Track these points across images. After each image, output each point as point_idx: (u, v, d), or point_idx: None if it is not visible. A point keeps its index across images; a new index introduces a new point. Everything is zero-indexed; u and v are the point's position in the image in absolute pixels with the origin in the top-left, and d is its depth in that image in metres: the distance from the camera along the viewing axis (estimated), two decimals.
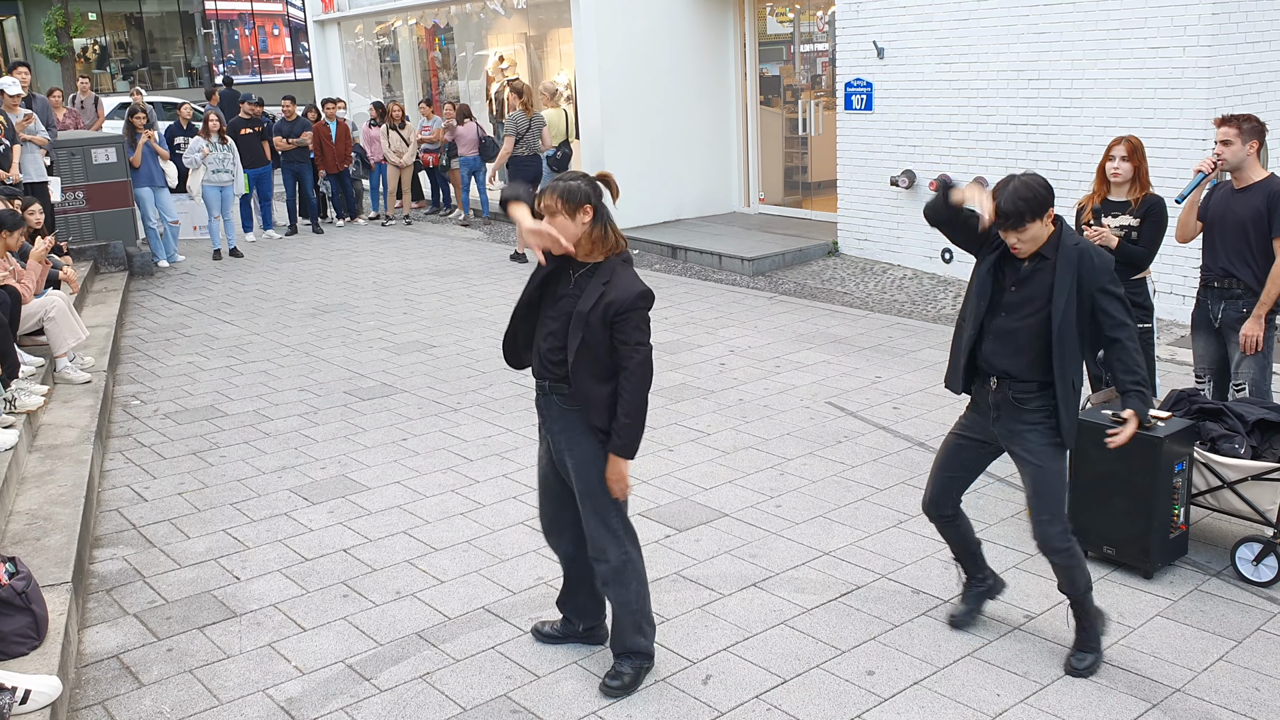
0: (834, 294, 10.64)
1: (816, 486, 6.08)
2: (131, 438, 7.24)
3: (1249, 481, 4.86)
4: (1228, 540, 5.18)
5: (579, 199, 3.82)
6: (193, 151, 13.21)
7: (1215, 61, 8.65)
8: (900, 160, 11.19)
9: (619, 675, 4.18)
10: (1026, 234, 3.97)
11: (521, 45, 16.92)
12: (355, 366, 8.72)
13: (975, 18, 10.18)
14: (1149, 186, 5.69)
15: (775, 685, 4.21)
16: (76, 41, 32.98)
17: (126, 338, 9.90)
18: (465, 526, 5.71)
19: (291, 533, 5.70)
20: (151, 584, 5.18)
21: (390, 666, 4.42)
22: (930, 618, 4.66)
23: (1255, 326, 5.51)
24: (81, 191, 12.32)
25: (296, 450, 6.90)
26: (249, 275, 12.60)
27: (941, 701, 4.07)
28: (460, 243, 14.29)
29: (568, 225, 3.82)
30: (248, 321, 10.36)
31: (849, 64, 11.53)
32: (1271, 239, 5.45)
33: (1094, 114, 9.37)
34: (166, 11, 40.28)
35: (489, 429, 7.14)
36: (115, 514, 6.01)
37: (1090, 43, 9.33)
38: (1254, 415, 5.10)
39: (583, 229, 3.84)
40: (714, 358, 8.56)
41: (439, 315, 10.33)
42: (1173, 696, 4.07)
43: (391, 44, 19.90)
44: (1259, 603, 4.70)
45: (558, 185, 3.84)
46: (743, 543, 5.42)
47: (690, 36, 13.93)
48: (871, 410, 7.27)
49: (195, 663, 4.49)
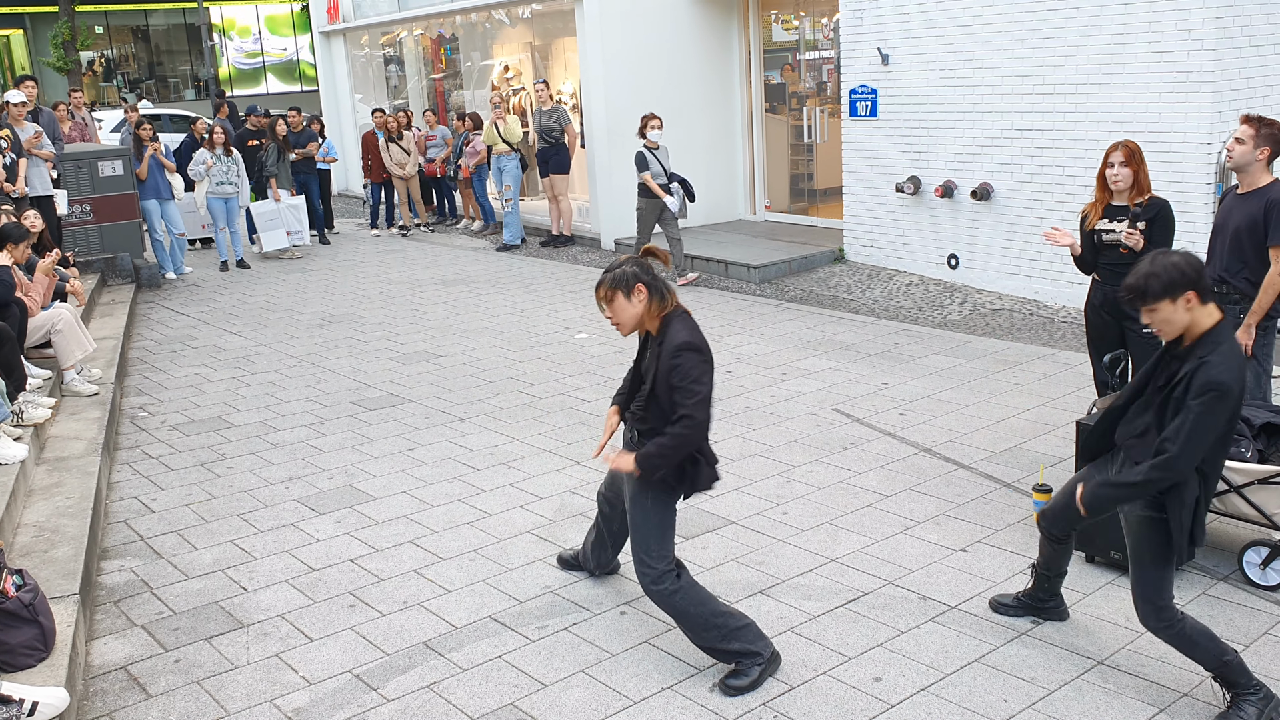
0: (840, 301, 10.64)
1: (823, 493, 6.07)
2: (139, 449, 7.26)
3: (1256, 485, 4.84)
4: (1235, 544, 5.16)
5: (629, 283, 4.15)
6: (197, 163, 13.26)
7: (1220, 66, 8.64)
8: (906, 166, 11.19)
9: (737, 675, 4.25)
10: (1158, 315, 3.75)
11: (527, 54, 16.95)
12: (362, 377, 8.74)
13: (979, 23, 10.18)
14: (1149, 190, 5.69)
15: (783, 692, 4.20)
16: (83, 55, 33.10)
17: (134, 350, 9.93)
18: (472, 536, 5.71)
19: (298, 543, 5.71)
20: (159, 595, 5.19)
21: (397, 676, 4.42)
22: (937, 623, 4.65)
23: (1245, 335, 5.47)
24: (88, 204, 12.37)
25: (303, 461, 6.91)
26: (256, 286, 12.64)
27: (949, 708, 4.06)
28: (467, 253, 14.32)
29: (625, 307, 4.17)
30: (254, 333, 10.38)
31: (854, 71, 11.54)
32: (1267, 247, 5.42)
33: (1099, 119, 9.36)
34: (173, 24, 40.45)
35: (496, 438, 7.15)
36: (123, 525, 6.02)
37: (1095, 47, 9.32)
38: (1260, 419, 5.09)
39: (640, 307, 4.17)
40: (720, 365, 8.55)
41: (445, 325, 10.34)
42: (1180, 701, 4.05)
43: (397, 54, 19.96)
44: (1266, 606, 4.69)
45: (607, 277, 4.19)
46: (749, 550, 5.42)
47: (695, 44, 13.95)
48: (878, 417, 7.26)
49: (203, 674, 4.50)
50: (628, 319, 4.19)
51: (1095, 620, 4.63)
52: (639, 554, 4.28)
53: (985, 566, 5.14)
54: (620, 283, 4.15)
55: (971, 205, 10.59)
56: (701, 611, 4.23)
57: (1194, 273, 3.65)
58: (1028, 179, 10.08)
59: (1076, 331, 9.01)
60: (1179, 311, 3.68)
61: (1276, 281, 5.41)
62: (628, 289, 4.15)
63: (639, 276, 4.16)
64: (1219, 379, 3.60)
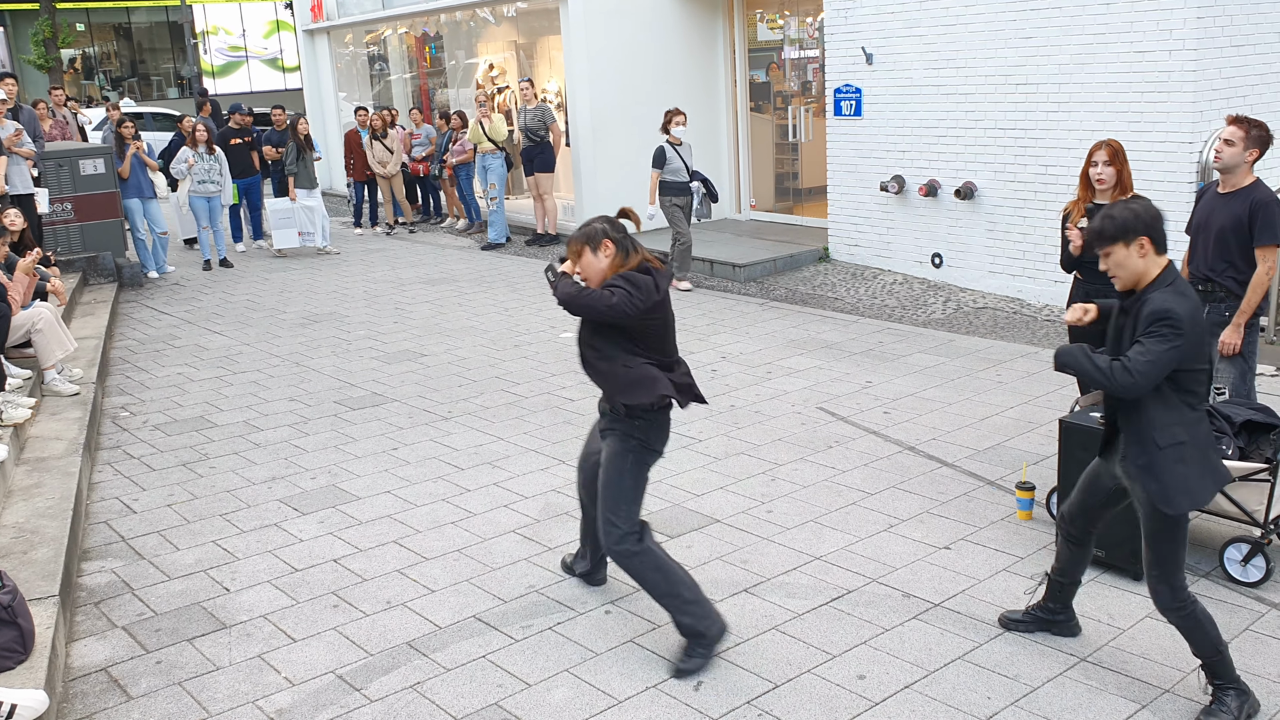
0: (825, 300, 10.65)
1: (808, 492, 6.08)
2: (120, 449, 7.22)
3: (1236, 482, 4.87)
4: (1216, 541, 5.18)
5: (598, 239, 4.35)
6: (179, 162, 13.19)
7: (1201, 65, 8.68)
8: (890, 165, 11.21)
9: (686, 658, 4.39)
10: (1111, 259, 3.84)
11: (512, 53, 16.92)
12: (345, 376, 8.71)
13: (963, 23, 10.21)
14: (1132, 189, 5.72)
15: (766, 690, 4.20)
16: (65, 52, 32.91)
17: (115, 349, 9.87)
18: (456, 535, 5.69)
19: (281, 543, 5.68)
20: (140, 596, 5.16)
21: (381, 676, 4.41)
22: (921, 621, 4.66)
23: (1234, 334, 5.52)
24: (70, 203, 12.29)
25: (286, 460, 6.88)
26: (239, 285, 12.58)
27: (933, 705, 4.07)
28: (451, 251, 14.29)
29: (593, 262, 4.35)
30: (237, 332, 10.34)
31: (838, 70, 11.56)
32: (1253, 246, 5.46)
33: (1081, 118, 9.40)
34: (155, 22, 40.26)
35: (480, 438, 7.13)
36: (104, 526, 5.99)
37: (1077, 47, 9.36)
38: (1241, 416, 5.11)
39: (607, 262, 4.34)
40: (706, 364, 8.56)
41: (429, 324, 10.32)
42: (1162, 697, 4.07)
43: (381, 52, 19.90)
44: (1247, 603, 4.71)
45: (579, 233, 4.40)
46: (734, 548, 5.42)
47: (680, 43, 13.95)
48: (862, 415, 7.27)
49: (184, 675, 4.48)
50: (594, 274, 4.35)
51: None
52: (606, 514, 4.41)
53: (969, 564, 5.16)
54: (590, 238, 4.36)
55: (955, 204, 10.62)
56: (657, 579, 4.38)
57: (1150, 219, 3.78)
58: (1011, 178, 10.12)
59: (1059, 330, 9.04)
60: (1133, 256, 3.79)
61: (1264, 281, 5.45)
62: (595, 244, 4.35)
63: (607, 233, 4.36)
64: (1161, 307, 3.70)
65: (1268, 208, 5.41)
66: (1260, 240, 5.41)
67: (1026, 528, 5.52)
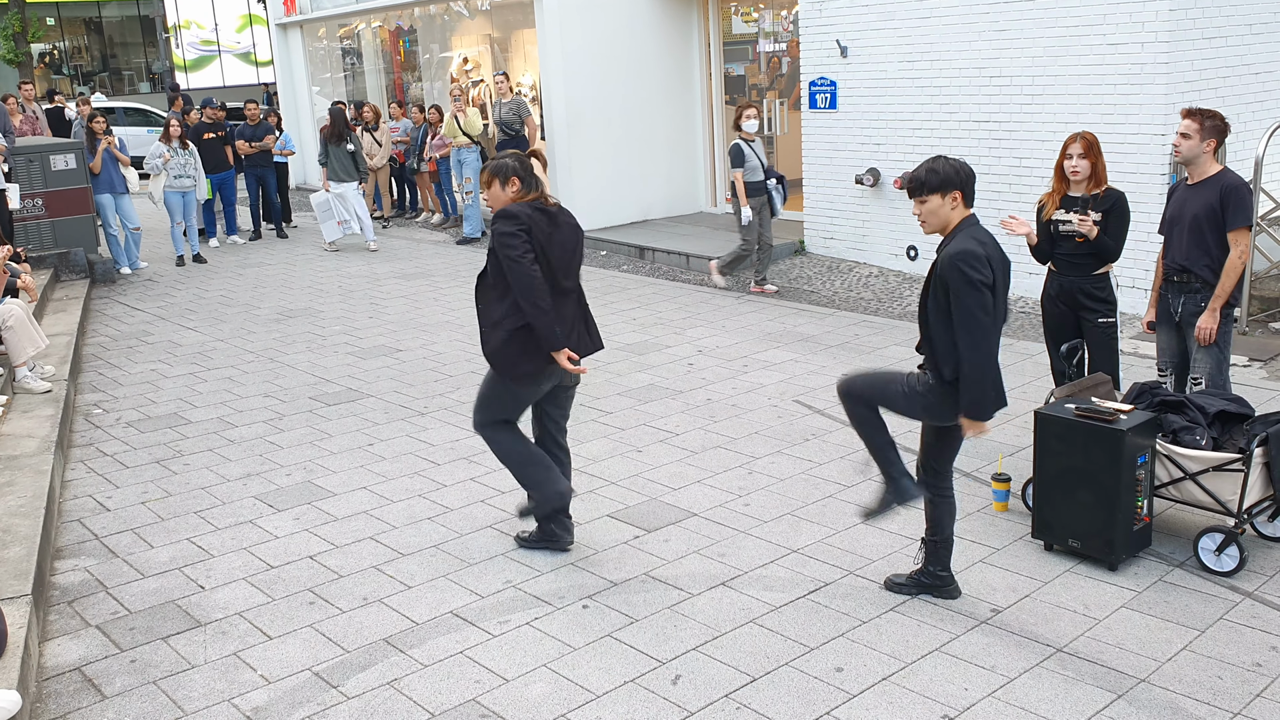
0: (801, 293, 10.67)
1: (784, 484, 6.09)
2: (93, 447, 7.16)
3: (1210, 472, 4.91)
4: (1190, 531, 5.23)
5: (506, 173, 4.91)
6: (154, 157, 13.07)
7: (1174, 58, 8.74)
8: (865, 158, 11.23)
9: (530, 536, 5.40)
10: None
11: (486, 47, 16.86)
12: (320, 372, 8.66)
13: (937, 15, 10.23)
14: (1106, 181, 5.76)
15: (744, 684, 4.21)
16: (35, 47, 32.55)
17: (88, 346, 9.78)
18: (433, 531, 5.67)
19: (256, 540, 5.65)
20: (114, 595, 5.12)
21: (358, 673, 4.39)
22: (898, 613, 4.68)
23: (1210, 319, 5.57)
24: (41, 199, 12.17)
25: (261, 457, 6.84)
26: (212, 281, 12.49)
27: (910, 697, 4.08)
28: (427, 245, 14.23)
29: (499, 194, 4.92)
30: (211, 328, 10.27)
31: (813, 63, 11.56)
32: (1225, 232, 5.52)
33: (1055, 110, 9.44)
34: (126, 16, 39.89)
35: (456, 433, 7.11)
36: (77, 524, 5.93)
37: (1050, 39, 9.40)
38: (1215, 407, 5.15)
39: (511, 194, 4.91)
40: (682, 358, 8.56)
41: (405, 319, 10.27)
42: (1138, 687, 4.10)
43: (355, 46, 19.79)
44: (1221, 592, 4.75)
45: (489, 164, 4.98)
46: (711, 542, 5.42)
47: (655, 37, 13.93)
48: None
49: (159, 674, 4.44)
50: (498, 203, 4.90)
51: (1053, 608, 4.67)
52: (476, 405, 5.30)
53: None
54: (499, 172, 4.92)
55: None
56: (509, 464, 5.18)
57: (966, 176, 4.36)
58: (985, 170, 10.14)
59: (1034, 322, 9.08)
60: (945, 207, 4.35)
61: (1238, 265, 5.51)
62: (504, 178, 4.90)
63: (515, 170, 4.90)
64: (956, 250, 4.23)
65: (1238, 191, 5.49)
66: (1233, 224, 5.48)
67: (1003, 519, 5.55)
